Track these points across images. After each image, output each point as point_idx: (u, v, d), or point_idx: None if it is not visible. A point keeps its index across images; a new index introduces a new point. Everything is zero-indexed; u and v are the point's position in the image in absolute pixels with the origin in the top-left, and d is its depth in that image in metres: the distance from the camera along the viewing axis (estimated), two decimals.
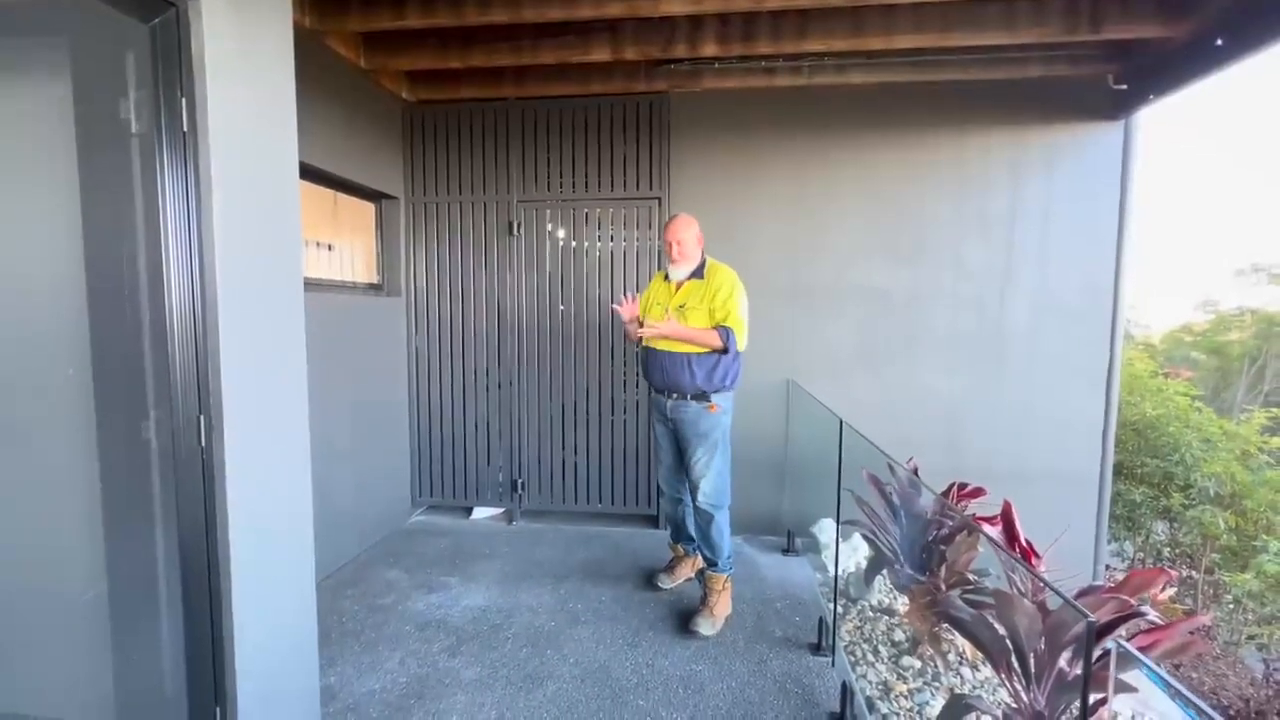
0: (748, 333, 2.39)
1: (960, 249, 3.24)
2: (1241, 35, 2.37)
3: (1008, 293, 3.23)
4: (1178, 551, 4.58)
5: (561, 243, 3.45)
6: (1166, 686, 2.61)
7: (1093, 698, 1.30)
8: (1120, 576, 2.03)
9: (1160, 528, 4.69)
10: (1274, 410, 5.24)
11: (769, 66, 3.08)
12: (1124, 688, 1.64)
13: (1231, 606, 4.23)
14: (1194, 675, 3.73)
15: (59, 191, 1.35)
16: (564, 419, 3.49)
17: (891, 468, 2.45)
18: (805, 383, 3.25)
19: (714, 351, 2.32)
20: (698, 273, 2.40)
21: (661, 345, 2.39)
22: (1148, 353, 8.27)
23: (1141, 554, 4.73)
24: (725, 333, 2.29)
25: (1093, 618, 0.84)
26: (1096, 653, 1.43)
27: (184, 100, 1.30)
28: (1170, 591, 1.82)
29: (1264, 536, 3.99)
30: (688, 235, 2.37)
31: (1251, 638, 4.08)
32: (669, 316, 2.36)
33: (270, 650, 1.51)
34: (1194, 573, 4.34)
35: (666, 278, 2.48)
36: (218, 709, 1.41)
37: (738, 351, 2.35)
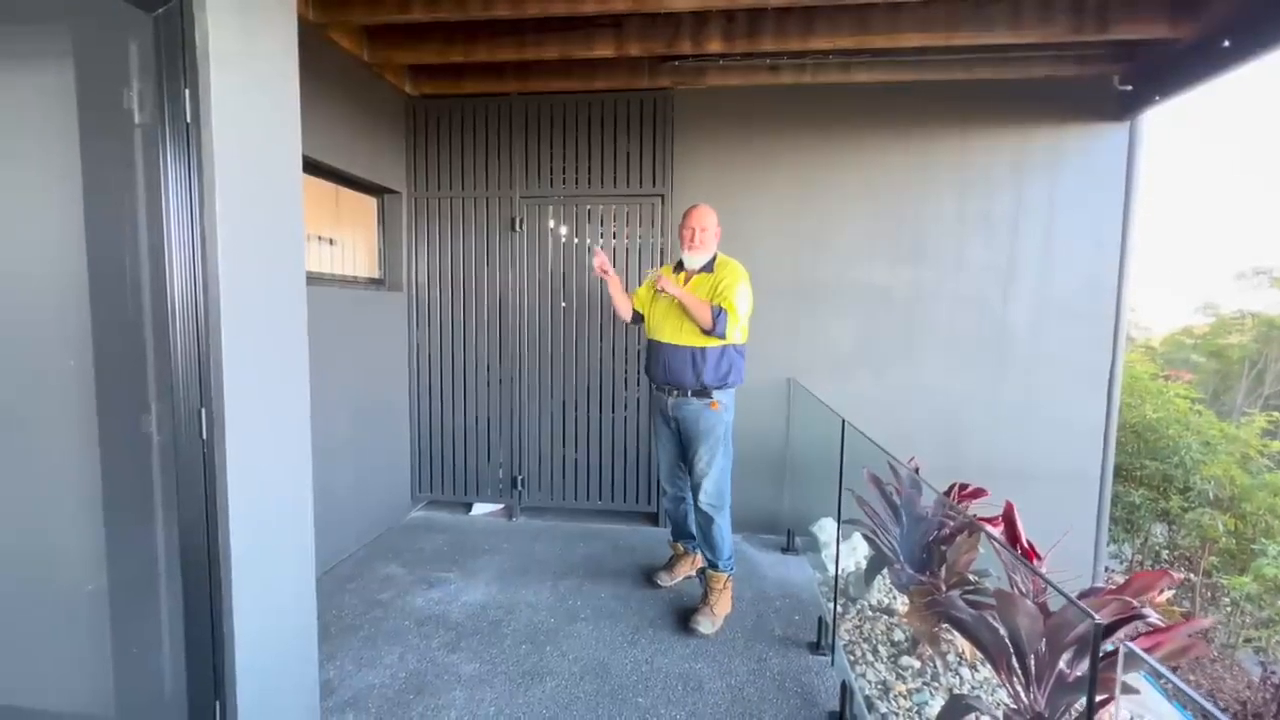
0: (746, 329, 2.38)
1: (963, 248, 3.23)
2: (1249, 37, 2.35)
3: (1010, 293, 3.22)
4: (1176, 554, 4.58)
5: (564, 239, 3.44)
6: (1165, 689, 2.62)
7: (1097, 698, 1.30)
8: (1119, 579, 2.04)
9: (1159, 530, 4.69)
10: (1274, 413, 5.25)
11: (773, 64, 3.07)
12: (1125, 689, 1.64)
13: (1229, 609, 4.24)
14: (1191, 678, 3.74)
15: (61, 181, 1.34)
16: (565, 415, 3.49)
17: (893, 467, 2.45)
18: (806, 381, 3.25)
19: (703, 332, 2.28)
20: (708, 266, 2.39)
21: (665, 338, 2.38)
22: (1148, 355, 8.27)
23: (1140, 556, 4.73)
24: (717, 310, 2.25)
25: (1099, 619, 0.84)
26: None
27: (187, 91, 1.28)
28: (1168, 594, 1.82)
29: (1263, 540, 3.99)
30: (709, 224, 2.37)
31: (1249, 641, 4.09)
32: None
33: (270, 644, 1.51)
34: (1192, 575, 4.34)
35: (676, 269, 2.47)
36: (217, 702, 1.41)
37: (737, 342, 2.34)
